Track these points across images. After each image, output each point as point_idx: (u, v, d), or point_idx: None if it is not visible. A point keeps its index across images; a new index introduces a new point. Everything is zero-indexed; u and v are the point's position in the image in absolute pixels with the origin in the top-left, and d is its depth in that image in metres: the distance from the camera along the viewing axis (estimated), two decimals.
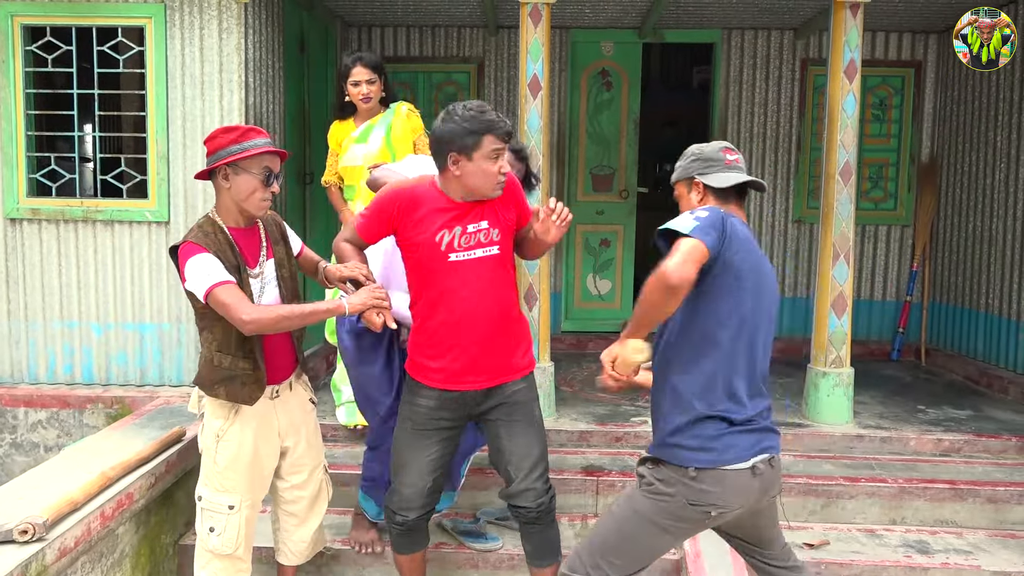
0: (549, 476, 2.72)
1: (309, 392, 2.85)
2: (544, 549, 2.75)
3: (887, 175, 6.12)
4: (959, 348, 5.67)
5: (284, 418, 2.71)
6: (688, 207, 2.39)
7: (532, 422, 2.67)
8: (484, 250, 2.55)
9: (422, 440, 2.66)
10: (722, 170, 2.38)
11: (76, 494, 2.70)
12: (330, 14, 5.62)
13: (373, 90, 3.81)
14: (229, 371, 2.53)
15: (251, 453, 2.62)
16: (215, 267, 2.45)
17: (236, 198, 2.53)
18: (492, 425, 2.69)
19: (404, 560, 2.85)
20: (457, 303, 2.55)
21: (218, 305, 2.43)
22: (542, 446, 2.69)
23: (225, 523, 2.63)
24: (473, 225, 2.55)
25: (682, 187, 2.45)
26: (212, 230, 2.53)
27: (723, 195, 2.37)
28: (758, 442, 2.23)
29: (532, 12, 4.09)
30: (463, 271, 2.54)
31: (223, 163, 2.49)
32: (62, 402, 4.17)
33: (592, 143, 6.28)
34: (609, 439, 4.09)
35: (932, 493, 3.65)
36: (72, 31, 4.21)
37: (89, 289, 4.28)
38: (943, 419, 4.41)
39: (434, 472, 2.69)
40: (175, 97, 4.14)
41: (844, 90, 4.08)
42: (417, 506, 2.71)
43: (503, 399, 2.64)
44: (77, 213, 4.23)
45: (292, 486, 2.81)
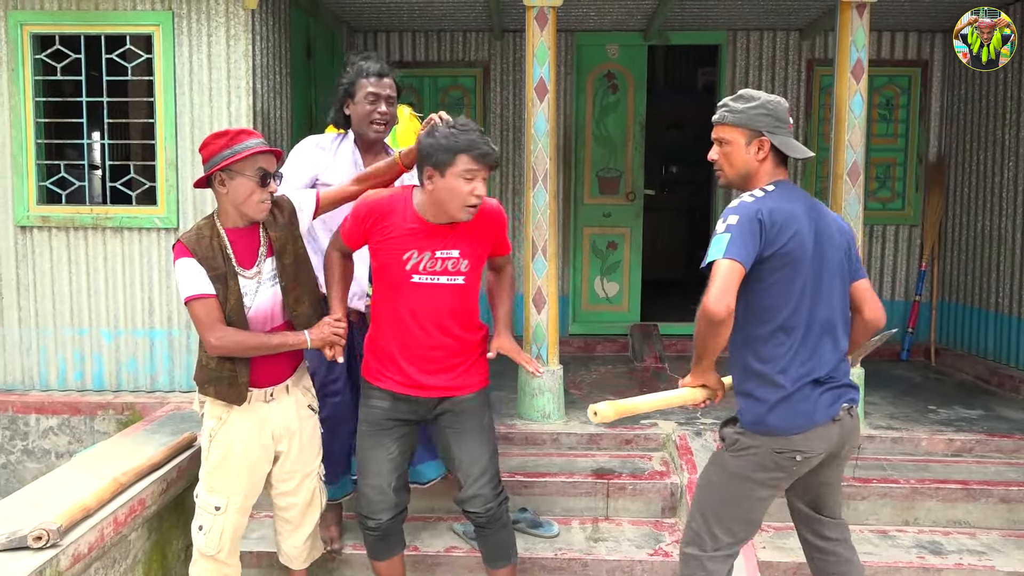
0: (501, 482, 2.75)
1: (309, 398, 2.80)
2: (496, 552, 2.79)
3: (895, 175, 6.10)
4: (969, 347, 5.65)
5: (279, 422, 2.67)
6: (737, 158, 2.29)
7: (481, 429, 2.69)
8: (449, 278, 2.55)
9: (380, 439, 2.69)
10: (788, 134, 2.30)
11: (89, 500, 2.71)
12: (336, 20, 5.64)
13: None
14: (216, 372, 2.53)
15: (242, 455, 2.61)
16: (198, 277, 2.46)
17: (234, 202, 2.50)
18: (442, 432, 2.72)
19: (383, 566, 2.85)
20: (412, 323, 2.58)
21: (192, 318, 2.49)
22: (491, 452, 2.71)
23: (212, 523, 2.62)
24: (443, 252, 2.53)
25: (738, 135, 2.29)
26: (209, 233, 2.52)
27: (783, 161, 2.31)
28: (838, 398, 2.29)
29: (538, 15, 4.10)
30: (424, 293, 2.56)
31: (217, 169, 2.48)
32: (73, 409, 4.19)
33: (598, 146, 6.28)
34: (619, 442, 4.08)
35: (945, 493, 3.63)
36: (81, 39, 4.23)
37: (99, 296, 4.30)
38: (954, 419, 4.39)
39: (395, 471, 2.72)
40: (183, 104, 4.17)
41: (851, 90, 4.08)
42: (385, 507, 2.72)
43: (452, 407, 2.68)
44: (87, 220, 4.25)
45: (282, 493, 2.78)
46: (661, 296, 7.24)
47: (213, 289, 2.46)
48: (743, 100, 2.30)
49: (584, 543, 3.44)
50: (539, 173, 4.15)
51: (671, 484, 3.67)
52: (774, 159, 2.31)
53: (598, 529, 3.57)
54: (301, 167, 3.13)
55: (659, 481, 3.69)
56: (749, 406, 2.31)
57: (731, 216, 2.18)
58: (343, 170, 3.09)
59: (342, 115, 3.13)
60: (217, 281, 2.48)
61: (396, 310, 2.59)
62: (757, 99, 2.28)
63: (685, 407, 2.47)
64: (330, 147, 3.17)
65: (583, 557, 3.32)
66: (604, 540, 3.47)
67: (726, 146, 2.31)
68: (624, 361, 5.87)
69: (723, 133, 2.32)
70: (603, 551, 3.37)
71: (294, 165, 3.14)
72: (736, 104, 2.31)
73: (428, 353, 2.61)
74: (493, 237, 2.63)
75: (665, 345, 5.94)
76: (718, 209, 6.26)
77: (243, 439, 2.60)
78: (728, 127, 2.30)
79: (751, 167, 2.31)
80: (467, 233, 2.55)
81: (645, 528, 3.58)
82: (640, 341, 5.91)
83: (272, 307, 2.60)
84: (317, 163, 3.12)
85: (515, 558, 2.82)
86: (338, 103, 3.13)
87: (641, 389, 4.99)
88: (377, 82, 3.05)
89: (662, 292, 7.47)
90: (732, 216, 2.17)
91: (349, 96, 3.09)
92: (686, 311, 6.97)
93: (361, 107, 3.05)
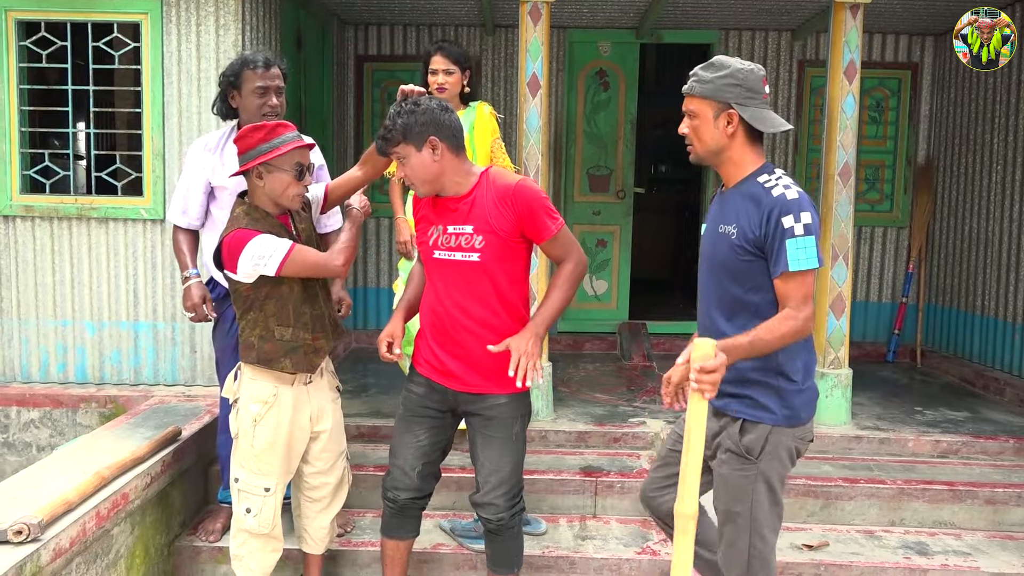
0: (520, 494, 2.68)
1: (335, 380, 2.93)
2: (501, 559, 2.75)
3: (883, 177, 6.13)
4: (955, 350, 5.68)
5: (316, 404, 2.79)
6: (706, 133, 2.16)
7: (508, 440, 2.62)
8: (463, 254, 2.50)
9: (413, 426, 2.69)
10: (761, 106, 2.14)
11: (71, 494, 2.66)
12: (327, 11, 5.59)
13: (451, 82, 3.54)
14: (292, 343, 2.63)
15: (286, 437, 2.71)
16: (278, 240, 2.52)
17: (271, 195, 2.59)
18: (472, 432, 2.69)
19: (389, 546, 2.80)
20: (436, 300, 2.59)
21: (302, 267, 2.53)
22: (514, 465, 2.64)
23: (262, 504, 2.72)
24: (455, 227, 2.51)
25: (706, 108, 2.14)
26: (259, 216, 2.60)
27: (757, 138, 2.18)
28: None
29: (532, 11, 4.07)
30: (444, 269, 2.55)
31: (254, 164, 2.55)
32: (55, 401, 4.12)
33: (589, 143, 6.27)
34: (607, 440, 4.07)
35: (931, 494, 3.65)
36: (67, 26, 4.16)
37: (83, 287, 4.24)
38: (941, 420, 4.41)
39: (423, 458, 2.70)
40: (171, 94, 4.11)
41: (843, 91, 4.08)
42: (406, 487, 2.71)
43: (483, 410, 2.61)
44: (71, 210, 4.18)
45: (318, 471, 2.86)
46: (650, 295, 7.23)
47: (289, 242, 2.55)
48: (713, 69, 2.15)
49: (572, 541, 3.42)
50: (531, 169, 4.13)
51: None
52: (747, 134, 2.15)
53: (586, 527, 3.56)
54: (191, 172, 3.17)
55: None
56: (781, 401, 2.22)
57: (804, 213, 2.07)
58: (232, 170, 3.06)
59: (226, 106, 3.10)
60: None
61: (429, 288, 2.63)
62: (728, 67, 2.13)
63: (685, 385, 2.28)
64: (216, 147, 3.16)
65: (571, 555, 3.31)
66: (592, 538, 3.46)
67: (695, 119, 2.18)
68: (612, 359, 5.86)
69: (692, 105, 2.18)
70: (591, 549, 3.36)
71: (185, 171, 3.20)
72: (705, 73, 2.15)
73: (451, 334, 2.56)
74: (515, 218, 2.46)
75: (653, 344, 5.93)
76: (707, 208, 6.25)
77: (287, 421, 2.70)
78: (696, 99, 2.16)
79: (721, 142, 2.18)
80: (479, 208, 2.49)
81: (632, 526, 3.57)
82: (628, 339, 5.91)
83: None
84: (205, 166, 3.15)
85: (519, 567, 2.77)
86: (221, 93, 3.09)
87: (629, 387, 4.98)
88: (264, 73, 3.00)
89: (650, 291, 7.47)
90: (806, 214, 2.07)
91: (234, 87, 3.03)
92: (674, 310, 6.99)
93: (250, 101, 3.01)
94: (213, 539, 3.32)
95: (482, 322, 2.53)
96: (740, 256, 2.18)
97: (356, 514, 3.56)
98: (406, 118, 2.44)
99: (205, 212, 3.21)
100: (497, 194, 2.48)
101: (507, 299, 2.55)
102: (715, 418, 2.32)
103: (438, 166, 2.47)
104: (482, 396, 2.59)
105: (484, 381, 2.58)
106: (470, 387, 2.59)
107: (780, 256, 2.09)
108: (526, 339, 2.45)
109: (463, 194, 2.52)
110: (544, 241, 2.51)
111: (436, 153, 2.46)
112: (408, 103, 2.48)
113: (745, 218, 2.16)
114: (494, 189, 2.49)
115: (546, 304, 2.53)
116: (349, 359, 5.56)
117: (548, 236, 2.50)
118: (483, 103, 3.75)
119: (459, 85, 3.61)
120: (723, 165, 2.25)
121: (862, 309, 6.05)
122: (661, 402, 2.96)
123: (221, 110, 3.12)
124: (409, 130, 2.44)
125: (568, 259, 2.54)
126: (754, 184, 2.18)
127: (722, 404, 2.30)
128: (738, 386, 2.24)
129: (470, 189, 2.52)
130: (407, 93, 2.57)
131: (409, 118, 2.43)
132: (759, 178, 2.18)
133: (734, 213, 2.21)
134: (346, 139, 6.05)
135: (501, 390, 2.58)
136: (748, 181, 2.20)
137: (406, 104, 2.48)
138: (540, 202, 2.49)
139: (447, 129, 2.47)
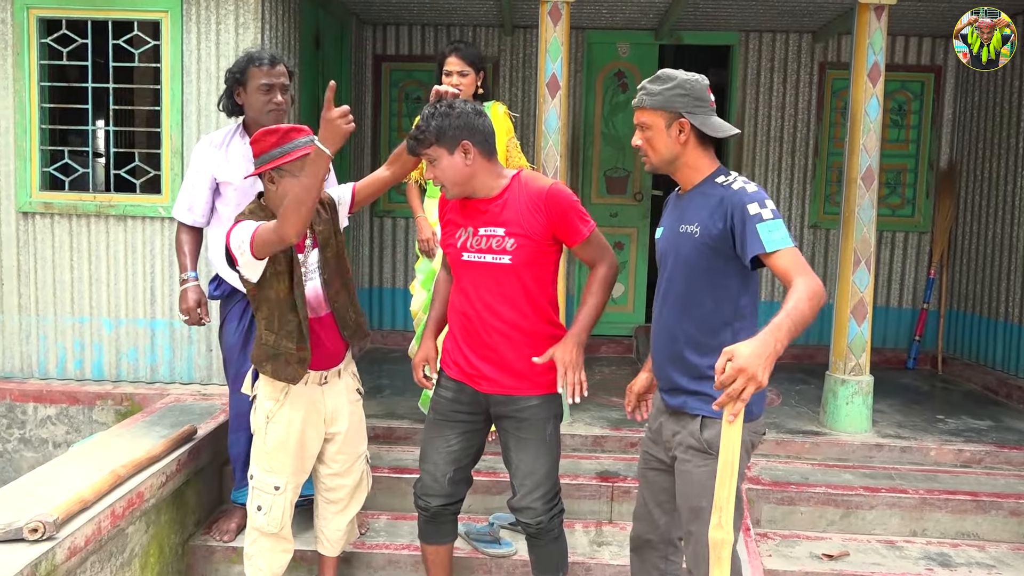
0: (557, 496, 2.66)
1: (357, 382, 2.91)
2: (544, 563, 2.73)
3: (905, 181, 6.05)
4: (977, 357, 5.59)
5: (331, 404, 2.77)
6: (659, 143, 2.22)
7: (542, 441, 2.59)
8: (494, 257, 2.49)
9: (443, 430, 2.68)
10: (709, 113, 2.24)
11: (86, 492, 2.65)
12: (346, 11, 5.58)
13: (465, 83, 3.55)
14: (274, 349, 2.62)
15: (298, 436, 2.70)
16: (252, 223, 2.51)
17: (283, 199, 2.54)
18: (504, 435, 2.66)
19: (429, 551, 2.82)
20: (466, 302, 2.57)
21: (266, 242, 2.42)
22: (549, 467, 2.61)
23: (272, 503, 2.72)
24: (486, 229, 2.50)
25: (658, 119, 2.20)
26: (265, 215, 2.59)
27: (708, 143, 2.26)
28: None
29: (552, 10, 4.04)
30: (474, 272, 2.54)
31: (266, 168, 2.55)
32: (71, 398, 4.13)
33: (607, 145, 6.23)
34: (624, 444, 4.03)
35: (954, 505, 3.58)
36: (88, 24, 4.18)
37: (100, 284, 4.25)
38: (963, 429, 4.34)
39: (453, 464, 2.68)
40: (190, 92, 4.11)
41: (867, 93, 4.03)
42: (437, 493, 2.70)
43: (515, 412, 2.58)
44: (90, 208, 4.19)
45: (334, 473, 2.86)
46: None
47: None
48: (660, 81, 2.23)
49: (588, 547, 3.39)
50: (549, 170, 4.10)
51: None
52: (698, 140, 2.23)
53: (601, 533, 3.52)
54: (197, 169, 3.19)
55: None
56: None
57: (767, 201, 2.14)
58: (238, 166, 3.12)
59: (232, 102, 3.10)
60: (285, 258, 2.56)
61: (457, 290, 2.60)
62: (674, 79, 2.21)
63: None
64: (222, 143, 3.18)
65: (586, 561, 3.28)
66: (608, 544, 3.42)
67: (648, 131, 2.24)
68: (628, 363, 5.82)
69: (643, 117, 2.24)
70: (606, 555, 3.32)
71: (192, 168, 3.22)
72: (653, 86, 2.23)
73: (482, 337, 2.55)
74: (548, 221, 2.45)
75: None
76: None
77: (299, 420, 2.69)
78: (647, 111, 2.22)
79: (674, 150, 2.24)
80: (511, 210, 2.47)
81: None
82: (645, 343, 5.86)
83: (316, 296, 2.69)
84: (211, 162, 3.17)
85: (565, 570, 2.75)
86: (227, 90, 3.10)
87: None
88: (269, 70, 3.02)
89: None
90: (769, 201, 2.15)
91: (239, 84, 3.05)
92: None
93: (255, 98, 3.03)
94: (227, 539, 3.31)
95: (512, 324, 2.52)
96: (704, 255, 2.23)
97: (371, 516, 3.55)
98: (440, 120, 2.42)
99: (211, 209, 3.23)
100: (530, 197, 2.47)
101: (536, 301, 2.53)
102: (672, 417, 2.35)
103: (469, 170, 2.46)
104: (514, 398, 2.57)
105: (515, 382, 2.55)
106: (501, 388, 2.57)
107: (752, 240, 2.11)
108: (570, 349, 2.45)
109: (494, 196, 2.51)
110: (576, 244, 2.51)
111: (468, 157, 2.44)
112: (443, 105, 2.46)
113: (707, 214, 2.21)
114: (527, 192, 2.48)
115: (584, 311, 2.52)
116: (364, 359, 5.54)
117: (580, 239, 2.50)
118: (497, 103, 3.74)
119: (473, 86, 3.62)
120: (679, 171, 2.31)
121: (882, 315, 5.97)
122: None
123: (227, 106, 3.13)
124: (443, 133, 2.42)
125: (601, 262, 2.55)
126: (712, 184, 2.25)
127: (679, 402, 2.32)
128: (695, 383, 2.28)
129: (501, 191, 2.50)
130: (441, 94, 2.56)
131: (443, 121, 2.41)
132: (717, 179, 2.26)
133: (695, 212, 2.26)
134: (363, 139, 6.03)
135: (533, 391, 2.56)
136: (706, 182, 2.28)
137: (440, 106, 2.45)
138: (573, 205, 2.49)
139: (480, 134, 2.45)
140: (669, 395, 2.37)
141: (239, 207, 3.09)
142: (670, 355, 2.35)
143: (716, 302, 2.24)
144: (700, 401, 2.28)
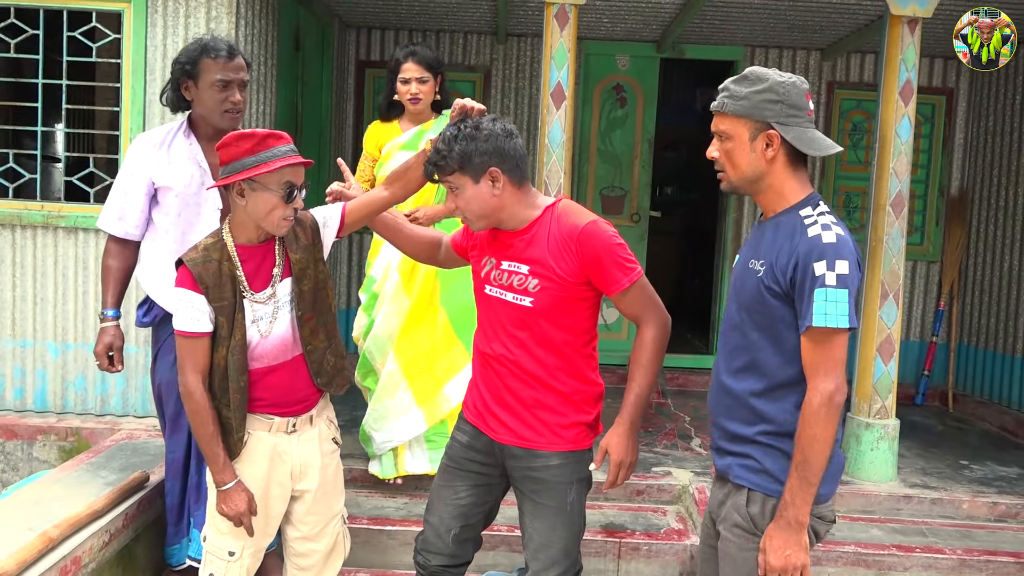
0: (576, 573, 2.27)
1: (333, 430, 2.44)
2: None
3: (914, 208, 5.77)
4: (990, 394, 5.31)
5: (300, 456, 2.32)
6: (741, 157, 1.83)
7: (562, 509, 2.19)
8: (515, 296, 2.13)
9: (454, 480, 2.32)
10: (806, 125, 1.82)
11: (8, 563, 2.22)
12: (328, 12, 5.20)
13: (424, 90, 3.29)
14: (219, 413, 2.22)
15: (260, 495, 2.27)
16: (196, 314, 2.15)
17: (253, 216, 2.15)
18: (520, 496, 2.28)
19: None
20: (486, 338, 2.24)
21: (178, 350, 2.18)
22: (567, 541, 2.21)
23: (225, 570, 2.29)
24: (509, 263, 2.15)
25: (741, 128, 1.82)
26: (218, 257, 2.16)
27: (801, 162, 1.85)
28: None
29: (558, 14, 3.70)
30: (494, 308, 2.20)
31: (237, 179, 2.09)
32: (9, 432, 3.67)
33: (603, 162, 5.89)
34: (629, 492, 3.66)
35: (995, 567, 3.25)
36: (40, 13, 3.75)
37: (47, 304, 3.79)
38: (993, 478, 4.02)
39: (460, 519, 2.31)
40: (154, 92, 3.69)
41: (899, 113, 3.73)
42: (438, 552, 2.32)
43: (533, 470, 2.19)
44: (36, 218, 3.75)
45: (303, 536, 2.40)
46: None
47: (210, 327, 2.15)
48: (747, 82, 1.83)
49: None
50: (552, 187, 3.74)
51: (690, 546, 3.25)
52: (788, 158, 1.83)
53: None
54: (132, 172, 2.70)
55: (677, 542, 3.27)
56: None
57: (840, 262, 1.72)
58: (181, 170, 2.66)
59: (178, 96, 2.67)
60: (222, 314, 2.14)
61: (478, 324, 2.29)
62: (765, 80, 1.81)
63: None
64: (163, 143, 2.72)
65: None
66: None
67: (727, 141, 1.86)
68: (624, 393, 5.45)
69: (723, 125, 1.85)
70: None
71: (125, 170, 2.73)
72: (738, 88, 1.83)
73: (500, 378, 2.18)
74: (580, 264, 2.07)
75: (667, 378, 5.54)
76: (727, 234, 5.89)
77: (262, 477, 2.26)
78: (729, 117, 1.84)
79: (759, 168, 1.85)
80: (537, 248, 2.11)
81: None
82: None
83: (290, 336, 2.25)
84: (149, 164, 2.69)
85: None
86: (172, 81, 2.66)
87: (646, 428, 4.58)
88: (226, 63, 2.60)
89: None
90: (843, 262, 1.72)
91: (189, 77, 2.62)
92: (686, 342, 6.59)
93: (208, 95, 2.61)
94: None
95: (531, 373, 2.14)
96: (764, 299, 1.84)
97: (348, 574, 3.12)
98: (465, 144, 2.04)
99: (146, 220, 2.74)
100: (561, 234, 2.09)
101: (562, 352, 2.14)
102: (719, 483, 1.99)
103: (497, 200, 2.09)
104: (532, 452, 2.17)
105: (534, 435, 2.16)
106: (518, 440, 2.18)
107: (807, 307, 1.75)
108: (626, 447, 2.13)
109: (521, 229, 2.14)
110: (615, 294, 2.10)
111: (496, 186, 2.08)
112: (468, 125, 2.07)
113: (775, 255, 1.83)
114: (559, 228, 2.10)
115: (632, 391, 2.14)
116: None
117: (619, 290, 2.09)
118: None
119: (432, 93, 3.32)
120: (762, 194, 1.90)
121: None
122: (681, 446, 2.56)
123: (171, 100, 2.69)
124: (468, 159, 2.05)
125: (645, 321, 2.13)
126: (794, 216, 1.84)
127: (724, 465, 1.95)
128: (740, 444, 1.91)
129: (530, 224, 2.13)
130: (467, 111, 2.13)
131: (469, 145, 2.04)
132: (801, 211, 1.84)
133: (766, 247, 1.87)
134: (345, 149, 5.63)
135: (555, 447, 2.16)
136: (788, 212, 1.87)
137: (465, 127, 2.07)
138: (609, 249, 2.07)
139: (511, 159, 2.08)
140: (716, 454, 2.01)
141: (180, 218, 2.66)
142: (717, 407, 2.00)
143: (779, 356, 1.85)
144: (746, 470, 1.90)
